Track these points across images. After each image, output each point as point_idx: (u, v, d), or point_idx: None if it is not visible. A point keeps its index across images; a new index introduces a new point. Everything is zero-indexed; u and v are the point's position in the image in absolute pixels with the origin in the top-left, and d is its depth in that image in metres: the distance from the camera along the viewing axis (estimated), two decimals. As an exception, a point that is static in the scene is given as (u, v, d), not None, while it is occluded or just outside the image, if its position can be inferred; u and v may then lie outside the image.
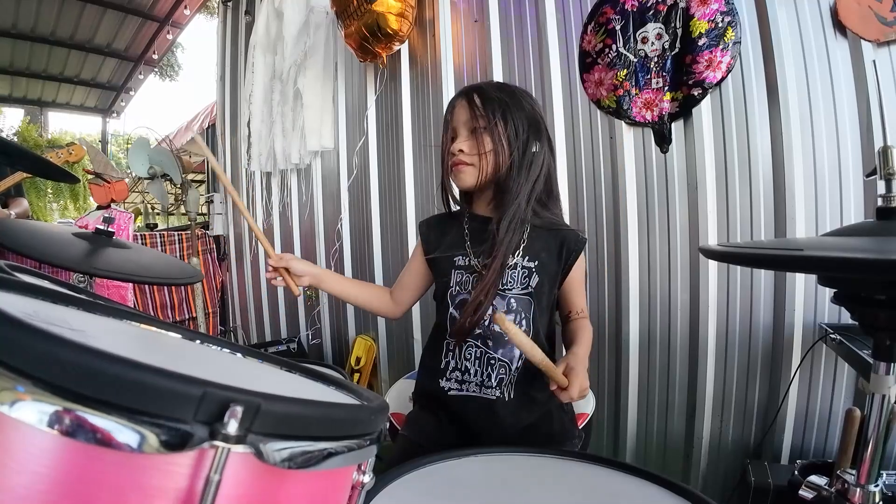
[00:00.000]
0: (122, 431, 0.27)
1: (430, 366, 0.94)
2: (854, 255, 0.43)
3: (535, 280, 0.89)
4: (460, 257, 0.92)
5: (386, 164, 2.24)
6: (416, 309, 2.03)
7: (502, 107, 0.87)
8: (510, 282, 0.88)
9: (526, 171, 0.87)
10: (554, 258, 0.90)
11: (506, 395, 0.88)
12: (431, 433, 0.93)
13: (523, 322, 0.89)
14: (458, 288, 0.91)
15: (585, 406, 1.13)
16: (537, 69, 1.70)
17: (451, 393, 0.90)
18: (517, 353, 0.88)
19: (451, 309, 0.91)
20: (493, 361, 0.88)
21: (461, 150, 0.89)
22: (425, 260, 1.00)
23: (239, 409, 0.29)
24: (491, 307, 0.86)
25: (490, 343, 0.89)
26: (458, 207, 0.99)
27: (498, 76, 1.78)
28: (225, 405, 0.29)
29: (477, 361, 0.88)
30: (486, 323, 0.88)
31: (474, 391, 0.88)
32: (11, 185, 1.76)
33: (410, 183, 2.08)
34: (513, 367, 0.88)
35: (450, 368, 0.90)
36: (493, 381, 0.88)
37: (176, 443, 0.28)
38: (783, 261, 0.51)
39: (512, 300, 0.88)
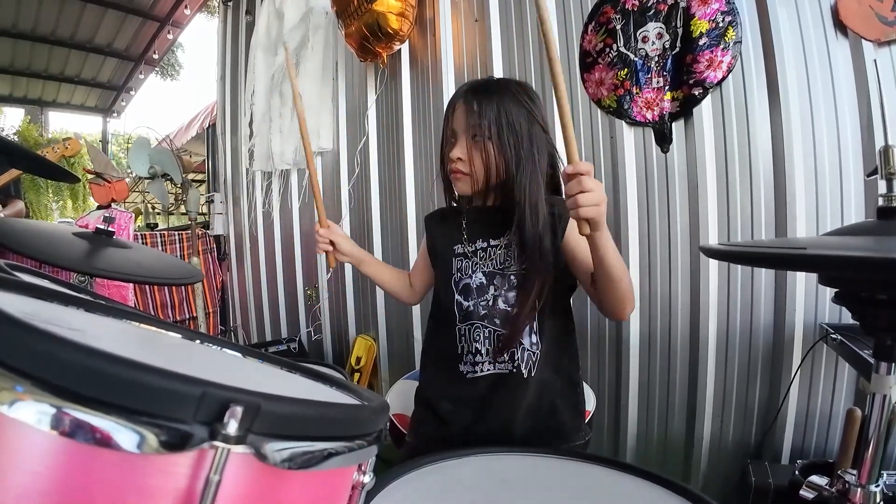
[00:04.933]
0: (121, 432, 0.27)
1: (445, 355, 0.94)
2: (855, 253, 0.43)
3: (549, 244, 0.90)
4: (459, 245, 0.95)
5: (386, 164, 2.23)
6: (416, 308, 2.03)
7: (500, 111, 0.86)
8: (507, 260, 0.90)
9: (531, 163, 0.86)
10: (548, 228, 0.87)
11: (520, 371, 0.89)
12: (441, 434, 0.93)
13: None
14: (459, 274, 0.94)
15: (586, 404, 1.13)
16: (538, 69, 1.70)
17: (469, 376, 0.91)
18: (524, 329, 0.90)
19: (456, 295, 0.93)
20: (501, 337, 0.89)
21: (459, 159, 0.89)
22: (429, 250, 1.03)
23: (239, 410, 0.29)
24: None
25: (497, 321, 0.90)
26: (456, 203, 1.00)
27: (498, 76, 1.78)
28: (225, 405, 0.29)
29: (486, 341, 0.90)
30: (491, 304, 0.90)
31: (488, 369, 0.90)
32: (9, 182, 1.76)
33: (411, 182, 2.08)
34: (525, 343, 0.89)
35: (464, 353, 0.92)
36: (504, 355, 0.89)
37: (175, 443, 0.28)
38: (785, 259, 0.51)
39: (512, 277, 0.90)
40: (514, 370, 0.89)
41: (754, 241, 0.60)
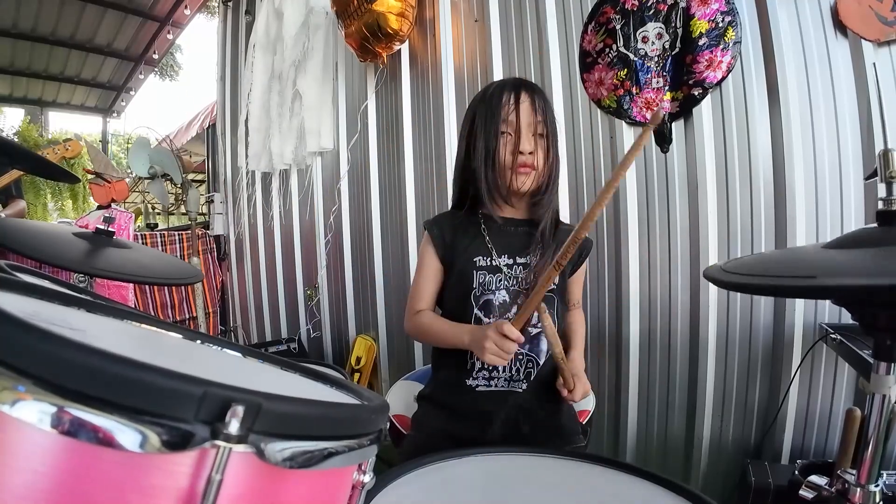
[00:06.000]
0: (123, 431, 0.27)
1: (453, 368, 0.92)
2: (868, 281, 0.43)
3: (557, 279, 0.90)
4: (481, 258, 0.91)
5: (386, 164, 2.23)
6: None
7: (552, 113, 0.90)
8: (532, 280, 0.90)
9: (557, 176, 0.92)
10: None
11: (531, 388, 0.90)
12: (443, 429, 0.92)
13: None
14: (480, 289, 0.91)
15: (586, 404, 1.14)
16: (538, 69, 1.70)
17: (479, 389, 0.90)
18: (543, 348, 0.91)
19: (475, 310, 0.90)
20: (520, 357, 0.90)
21: (531, 153, 0.87)
22: (440, 260, 0.95)
23: (240, 409, 0.29)
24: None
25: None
26: (481, 205, 0.93)
27: (498, 76, 1.78)
28: (226, 405, 0.29)
29: None
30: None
31: (503, 386, 0.90)
32: (10, 183, 1.76)
33: (410, 183, 2.08)
34: (540, 362, 0.91)
35: (476, 368, 0.90)
36: (521, 374, 0.90)
37: (177, 442, 0.28)
38: (793, 291, 0.51)
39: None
40: (528, 387, 0.90)
41: (758, 260, 0.59)
